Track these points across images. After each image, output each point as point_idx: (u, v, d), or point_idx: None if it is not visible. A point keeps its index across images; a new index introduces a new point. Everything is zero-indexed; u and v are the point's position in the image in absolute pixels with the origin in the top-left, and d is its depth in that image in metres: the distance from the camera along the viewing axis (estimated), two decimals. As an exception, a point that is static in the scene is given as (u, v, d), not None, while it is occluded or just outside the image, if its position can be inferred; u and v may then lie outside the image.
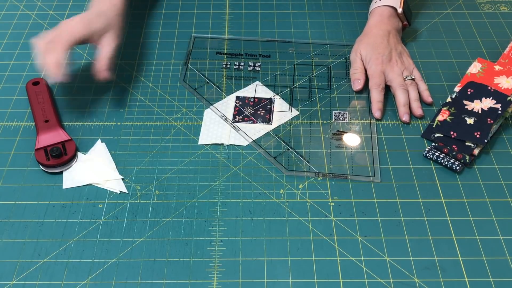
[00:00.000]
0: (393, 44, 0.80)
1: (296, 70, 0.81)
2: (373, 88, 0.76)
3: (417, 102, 0.75)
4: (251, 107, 0.75)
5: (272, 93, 0.77)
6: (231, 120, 0.73)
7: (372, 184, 0.66)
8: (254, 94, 0.77)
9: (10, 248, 0.60)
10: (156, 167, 0.68)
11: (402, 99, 0.75)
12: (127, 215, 0.63)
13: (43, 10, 0.93)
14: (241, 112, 0.74)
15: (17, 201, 0.64)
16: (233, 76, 0.80)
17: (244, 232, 0.62)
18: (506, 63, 0.79)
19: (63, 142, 0.69)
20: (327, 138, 0.71)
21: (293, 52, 0.84)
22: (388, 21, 0.82)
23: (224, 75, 0.80)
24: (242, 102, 0.76)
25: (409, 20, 0.85)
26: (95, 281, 0.57)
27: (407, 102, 0.75)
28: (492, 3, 0.95)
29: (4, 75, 0.81)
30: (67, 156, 0.68)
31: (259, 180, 0.67)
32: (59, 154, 0.67)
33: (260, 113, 0.74)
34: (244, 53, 0.84)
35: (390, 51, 0.79)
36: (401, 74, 0.77)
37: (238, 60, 0.83)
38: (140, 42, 0.86)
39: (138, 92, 0.78)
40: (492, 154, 0.70)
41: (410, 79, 0.77)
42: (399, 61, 0.78)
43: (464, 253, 0.60)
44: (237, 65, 0.82)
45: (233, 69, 0.81)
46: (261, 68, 0.81)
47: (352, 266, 0.58)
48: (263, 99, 0.76)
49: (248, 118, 0.73)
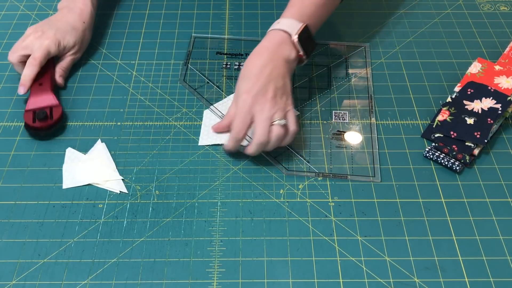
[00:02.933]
0: (274, 76, 0.66)
1: (296, 70, 0.80)
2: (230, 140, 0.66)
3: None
4: None
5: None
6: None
7: (372, 184, 0.66)
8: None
9: (10, 248, 0.60)
10: (156, 167, 0.68)
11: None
12: (127, 215, 0.63)
13: (43, 10, 0.93)
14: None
15: (17, 201, 0.64)
16: (233, 76, 0.80)
17: (244, 232, 0.62)
18: (506, 63, 0.79)
19: (52, 106, 0.70)
20: (327, 138, 0.71)
21: None
22: (277, 49, 0.67)
23: (224, 75, 0.80)
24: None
25: (308, 51, 0.70)
26: (95, 281, 0.57)
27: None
28: (492, 3, 0.95)
29: (4, 75, 0.81)
30: (52, 120, 0.69)
31: (259, 180, 0.67)
32: (45, 117, 0.68)
33: None
34: (244, 53, 0.84)
35: (265, 84, 0.65)
36: (270, 118, 0.64)
37: (238, 60, 0.83)
38: (140, 42, 0.86)
39: (138, 92, 0.78)
40: (492, 154, 0.70)
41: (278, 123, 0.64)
42: (274, 99, 0.65)
43: (464, 253, 0.60)
44: (237, 65, 0.82)
45: (233, 69, 0.81)
46: None
47: (352, 266, 0.58)
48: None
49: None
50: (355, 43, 0.86)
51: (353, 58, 0.83)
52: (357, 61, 0.83)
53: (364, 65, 0.82)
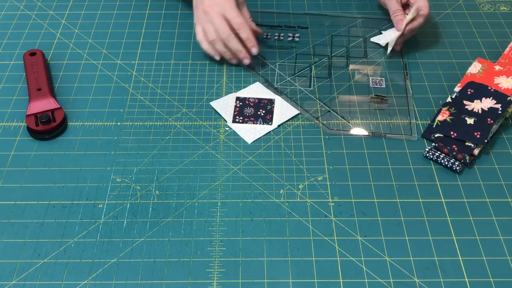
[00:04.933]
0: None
1: (332, 41, 0.86)
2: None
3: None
4: (252, 108, 0.75)
5: (273, 94, 0.77)
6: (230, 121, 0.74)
7: (372, 184, 0.66)
8: (254, 95, 0.77)
9: (10, 248, 0.60)
10: (156, 167, 0.68)
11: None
12: (127, 215, 0.63)
13: (43, 10, 0.93)
14: (241, 112, 0.74)
15: (17, 201, 0.64)
16: (275, 46, 0.85)
17: (244, 232, 0.62)
18: (506, 63, 0.79)
19: (53, 110, 0.73)
20: (365, 102, 0.76)
21: (329, 24, 0.89)
22: None
23: (267, 45, 0.85)
24: (242, 102, 0.76)
25: None
26: (95, 281, 0.57)
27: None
28: (492, 3, 0.95)
29: (4, 75, 0.81)
30: (56, 122, 0.71)
31: (259, 180, 0.67)
32: (48, 121, 0.70)
33: (261, 114, 0.74)
34: (283, 24, 0.89)
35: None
36: None
37: (278, 31, 0.88)
38: (140, 42, 0.86)
39: (138, 92, 0.78)
40: (492, 154, 0.70)
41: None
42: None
43: (464, 253, 0.60)
44: (277, 36, 0.87)
45: (273, 39, 0.86)
46: (300, 39, 0.86)
47: (352, 266, 0.58)
48: (263, 100, 0.76)
49: (248, 119, 0.73)
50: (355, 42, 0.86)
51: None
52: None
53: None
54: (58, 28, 0.89)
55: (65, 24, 0.90)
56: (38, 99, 0.74)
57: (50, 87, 0.76)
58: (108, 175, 0.67)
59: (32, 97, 0.74)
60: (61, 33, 0.88)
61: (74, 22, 0.90)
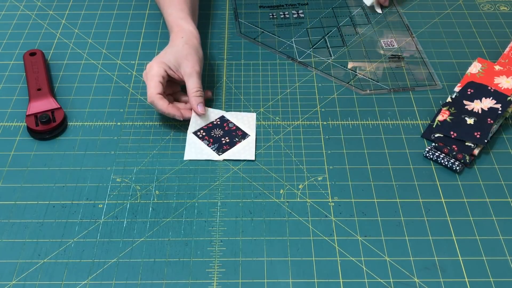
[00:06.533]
0: None
1: (335, 12, 0.92)
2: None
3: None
4: (221, 131, 0.72)
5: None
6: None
7: (372, 184, 0.66)
8: (238, 123, 0.73)
9: (10, 248, 0.60)
10: (156, 167, 0.68)
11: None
12: (127, 215, 0.63)
13: (43, 10, 0.93)
14: (209, 130, 0.71)
15: (17, 201, 0.64)
16: (283, 24, 0.90)
17: (244, 232, 0.62)
18: (506, 63, 0.79)
19: (53, 110, 0.73)
20: (384, 62, 0.82)
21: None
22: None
23: (276, 24, 0.90)
24: (221, 123, 0.73)
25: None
26: (95, 281, 0.57)
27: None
28: (492, 3, 0.95)
29: (4, 75, 0.81)
30: (56, 122, 0.71)
31: (259, 180, 0.67)
32: (48, 121, 0.71)
33: (223, 141, 0.70)
34: (283, 3, 0.94)
35: None
36: None
37: (282, 10, 0.92)
38: (140, 42, 0.86)
39: (138, 92, 0.78)
40: (492, 154, 0.70)
41: None
42: None
43: (464, 253, 0.60)
44: (282, 15, 0.92)
45: (279, 18, 0.91)
46: (305, 14, 0.92)
47: (352, 266, 0.58)
48: (238, 131, 0.72)
49: (207, 138, 0.71)
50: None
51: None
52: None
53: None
54: (58, 28, 0.89)
55: (65, 24, 0.90)
56: (38, 99, 0.74)
57: (50, 87, 0.76)
58: (108, 175, 0.67)
59: (32, 97, 0.74)
60: (61, 33, 0.88)
61: (74, 22, 0.90)
